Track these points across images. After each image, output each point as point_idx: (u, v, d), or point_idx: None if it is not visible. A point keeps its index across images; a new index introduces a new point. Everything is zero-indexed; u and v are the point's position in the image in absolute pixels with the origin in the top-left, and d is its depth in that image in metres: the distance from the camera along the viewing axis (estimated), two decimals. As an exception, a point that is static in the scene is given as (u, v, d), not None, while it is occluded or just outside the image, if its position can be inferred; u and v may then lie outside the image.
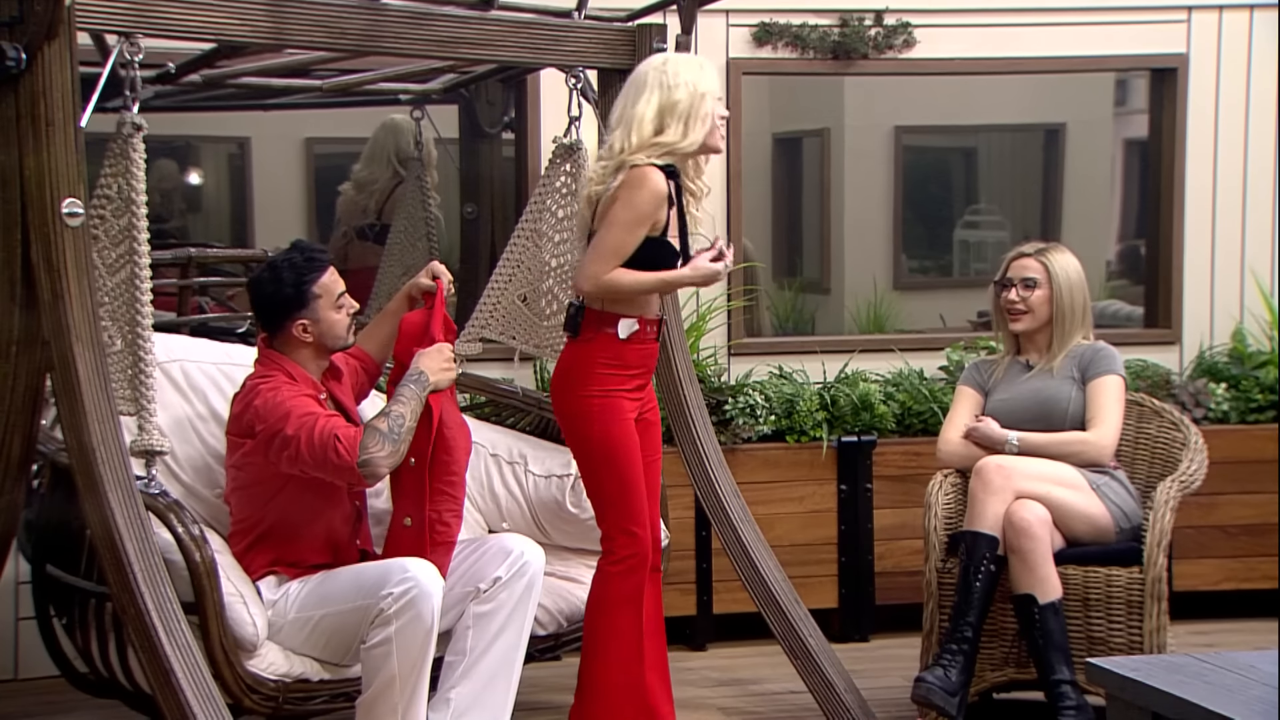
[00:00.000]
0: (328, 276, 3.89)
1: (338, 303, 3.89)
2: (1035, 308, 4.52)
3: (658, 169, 3.89)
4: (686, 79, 3.93)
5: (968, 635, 4.28)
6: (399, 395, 3.80)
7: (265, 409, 3.74)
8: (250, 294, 3.96)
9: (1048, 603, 4.23)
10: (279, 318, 3.87)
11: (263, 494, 3.83)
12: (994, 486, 4.32)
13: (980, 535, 4.30)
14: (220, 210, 7.65)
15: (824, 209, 7.94)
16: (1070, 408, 4.46)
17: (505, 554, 3.96)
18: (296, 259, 3.88)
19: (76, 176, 3.48)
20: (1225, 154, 5.89)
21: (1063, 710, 4.19)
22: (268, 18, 3.84)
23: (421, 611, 3.65)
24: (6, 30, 3.41)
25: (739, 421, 5.32)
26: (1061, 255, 4.55)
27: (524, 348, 4.59)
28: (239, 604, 3.68)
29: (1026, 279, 4.52)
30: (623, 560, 4.02)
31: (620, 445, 4.01)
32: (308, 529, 3.86)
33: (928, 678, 4.23)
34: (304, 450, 3.68)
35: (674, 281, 4.03)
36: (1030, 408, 4.49)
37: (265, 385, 3.79)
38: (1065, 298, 4.50)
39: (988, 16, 5.71)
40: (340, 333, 3.91)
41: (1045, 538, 4.25)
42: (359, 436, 3.67)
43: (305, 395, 3.78)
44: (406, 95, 5.59)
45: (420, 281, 4.14)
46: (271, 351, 3.89)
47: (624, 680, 4.04)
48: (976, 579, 4.29)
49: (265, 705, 3.72)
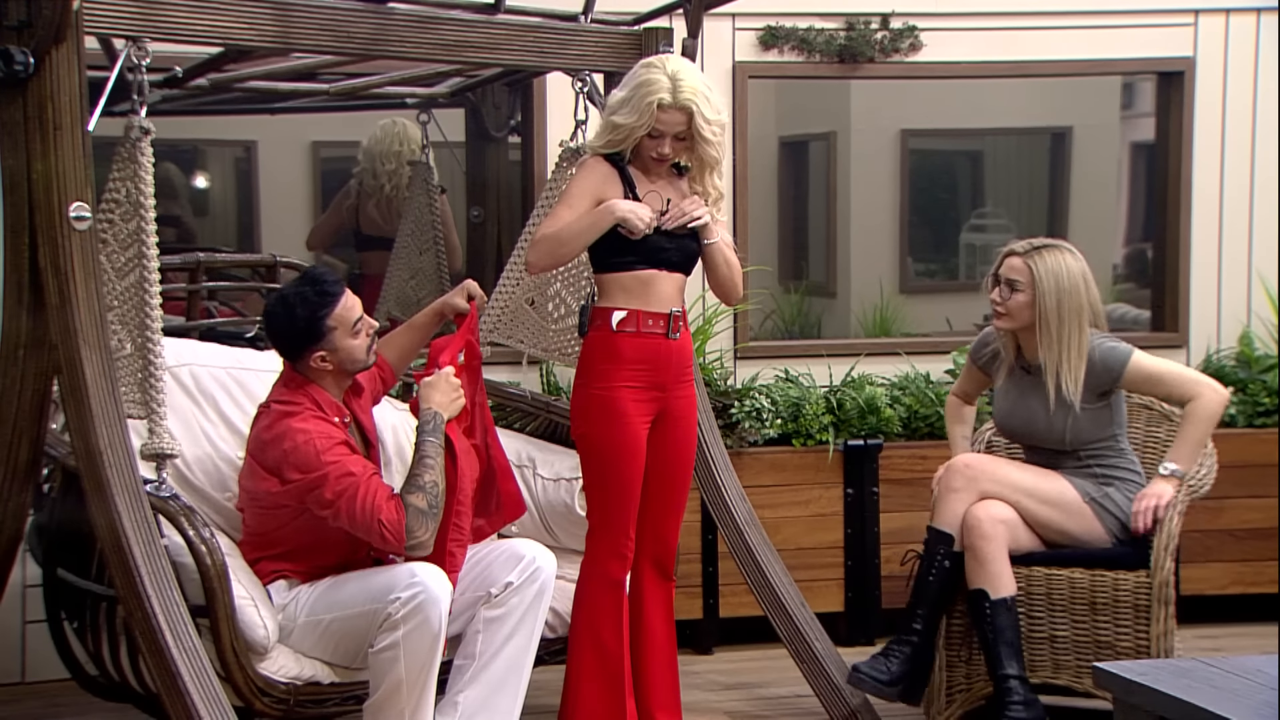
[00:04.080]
0: (341, 307, 3.81)
1: (354, 329, 3.83)
2: (1015, 311, 4.35)
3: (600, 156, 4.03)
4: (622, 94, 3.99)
5: (916, 628, 4.32)
6: (424, 454, 3.75)
7: (299, 460, 3.69)
8: (265, 326, 3.92)
9: (999, 599, 4.24)
10: (296, 351, 3.83)
11: (283, 517, 3.82)
12: (956, 485, 4.33)
13: (938, 532, 4.34)
14: (227, 213, 7.66)
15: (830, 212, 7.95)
16: (1069, 435, 4.36)
17: (517, 559, 3.95)
18: (308, 293, 3.80)
19: (84, 180, 3.49)
20: (1232, 157, 5.88)
21: (1010, 705, 4.21)
22: (275, 22, 3.84)
23: (429, 617, 3.65)
24: (14, 34, 3.42)
25: (745, 425, 5.32)
26: (1055, 257, 4.34)
27: (531, 351, 4.59)
28: (250, 607, 3.68)
29: (1010, 280, 4.36)
30: (596, 559, 4.08)
31: (612, 445, 4.03)
32: (323, 545, 3.84)
33: (860, 667, 4.29)
34: (344, 520, 3.67)
35: (597, 218, 3.97)
36: (1026, 431, 4.46)
37: (296, 425, 3.72)
38: (1050, 303, 4.30)
39: (994, 20, 5.71)
40: (359, 356, 3.87)
41: (997, 536, 4.25)
42: (402, 520, 3.64)
43: (335, 441, 3.73)
44: (413, 99, 5.59)
45: (454, 302, 4.14)
46: (294, 375, 3.85)
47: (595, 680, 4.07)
48: (930, 574, 4.33)
49: (276, 708, 3.72)
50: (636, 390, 4.04)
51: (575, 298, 4.51)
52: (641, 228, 3.95)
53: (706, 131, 3.97)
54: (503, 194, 5.71)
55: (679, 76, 3.95)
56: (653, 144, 4.00)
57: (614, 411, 4.02)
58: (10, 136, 3.48)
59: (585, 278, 4.45)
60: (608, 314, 4.03)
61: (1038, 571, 4.35)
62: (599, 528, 4.10)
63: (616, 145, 4.02)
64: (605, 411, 4.02)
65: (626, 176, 4.04)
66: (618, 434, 4.03)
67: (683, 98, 3.93)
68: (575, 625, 4.11)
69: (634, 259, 4.00)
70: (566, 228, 3.97)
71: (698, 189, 4.09)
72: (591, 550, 4.11)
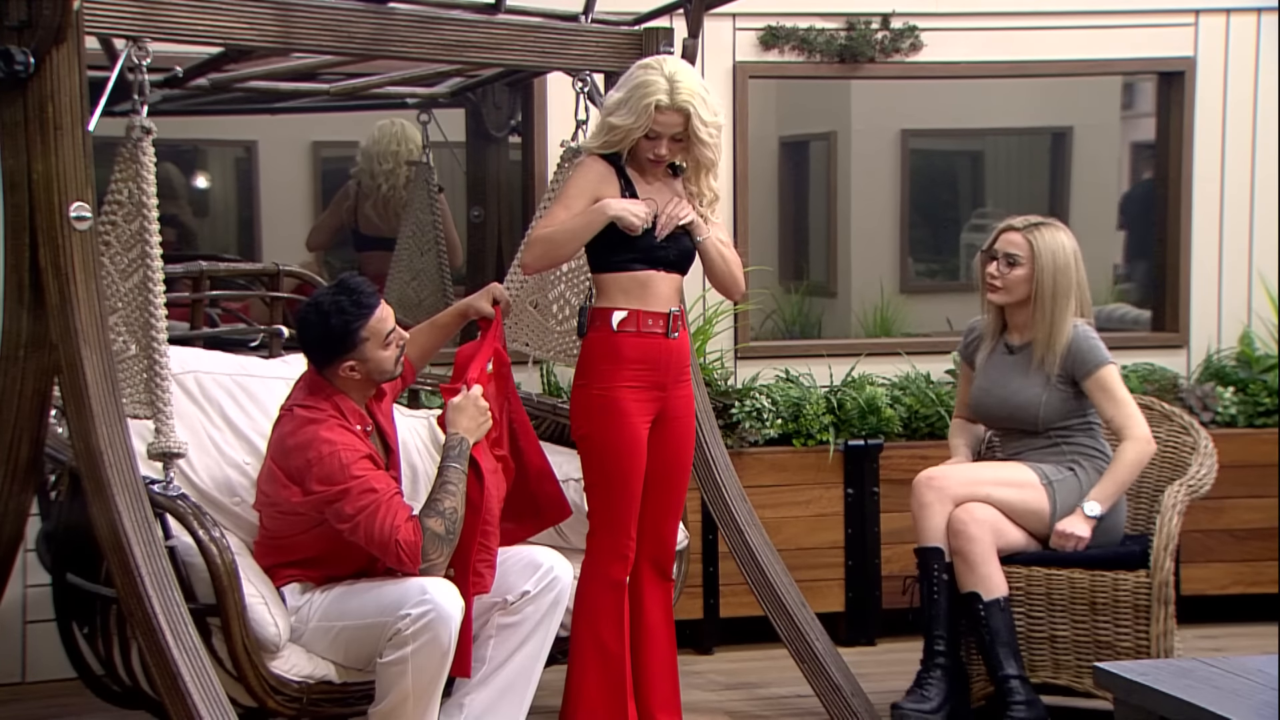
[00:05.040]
0: (375, 318, 3.78)
1: (385, 340, 3.81)
2: (1012, 286, 4.41)
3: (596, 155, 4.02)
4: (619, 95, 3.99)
5: (941, 649, 4.33)
6: (446, 480, 3.74)
7: (323, 472, 3.67)
8: (298, 332, 3.90)
9: (991, 600, 4.25)
10: (327, 359, 3.81)
11: (300, 524, 3.81)
12: (926, 500, 4.36)
13: (927, 549, 4.35)
14: (227, 214, 7.66)
15: (830, 212, 7.95)
16: (1042, 411, 4.41)
17: (535, 568, 3.94)
18: (344, 302, 3.76)
19: (84, 180, 3.49)
20: (1232, 157, 5.88)
21: (1012, 705, 4.22)
22: (275, 21, 3.84)
23: (439, 635, 3.63)
24: (15, 34, 3.42)
25: (746, 425, 5.32)
26: (1052, 233, 4.41)
27: (536, 353, 4.59)
28: (261, 605, 3.67)
29: (1009, 254, 4.41)
30: (597, 559, 4.07)
31: (613, 445, 4.03)
32: (339, 556, 3.82)
33: (904, 705, 4.28)
34: (362, 536, 3.66)
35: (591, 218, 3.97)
36: (1001, 410, 4.49)
37: (323, 434, 3.70)
38: (1048, 279, 4.37)
39: (995, 20, 5.71)
40: (388, 367, 3.85)
41: (983, 537, 4.26)
42: (419, 543, 3.64)
43: (360, 455, 3.71)
44: (413, 99, 5.59)
45: (479, 305, 4.13)
46: (319, 380, 3.83)
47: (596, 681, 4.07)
48: (934, 593, 4.33)
49: (290, 706, 3.72)
50: (637, 390, 4.04)
51: (579, 299, 4.51)
52: (638, 225, 3.95)
53: (703, 133, 3.97)
54: (503, 194, 5.70)
55: (676, 78, 3.94)
56: (649, 145, 4.00)
57: (615, 412, 4.02)
58: (11, 137, 3.48)
59: (588, 278, 4.45)
60: (607, 314, 4.03)
61: (1038, 571, 4.36)
62: (600, 528, 4.10)
63: (614, 146, 4.02)
64: (606, 412, 4.03)
65: (624, 176, 4.04)
66: (619, 434, 4.03)
67: (680, 99, 3.93)
68: (576, 626, 4.11)
69: (632, 259, 4.00)
70: (560, 228, 3.98)
71: (693, 189, 4.09)
72: (592, 551, 4.11)
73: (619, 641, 4.08)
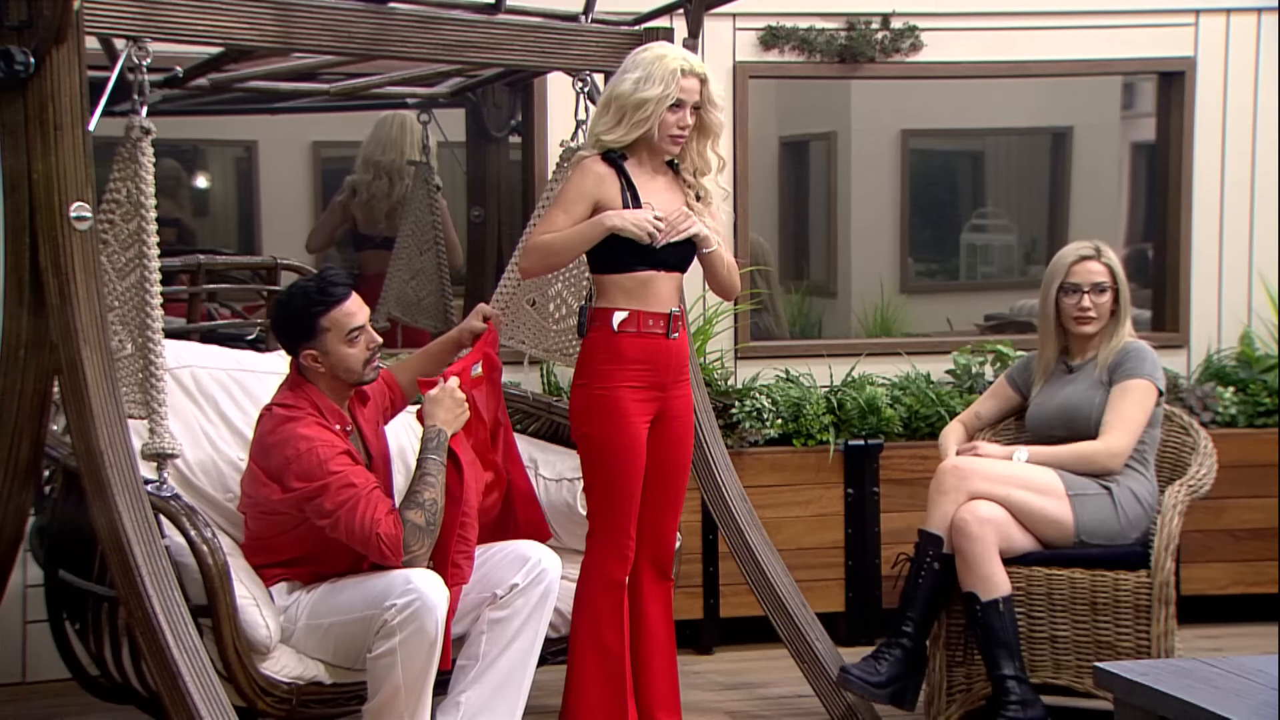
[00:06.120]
0: (339, 310, 3.79)
1: (348, 337, 3.80)
2: (1104, 312, 4.49)
3: (596, 156, 4.00)
4: (634, 75, 3.96)
5: (906, 630, 4.33)
6: (425, 471, 3.75)
7: (301, 468, 3.69)
8: (270, 316, 3.93)
9: (989, 600, 4.25)
10: (290, 344, 3.85)
11: (283, 524, 3.81)
12: (946, 487, 4.35)
13: (927, 534, 4.35)
14: (227, 213, 7.66)
15: (831, 212, 7.95)
16: (1094, 414, 4.42)
17: (523, 561, 3.96)
18: (311, 288, 3.81)
19: (84, 180, 3.49)
20: (1233, 157, 5.88)
21: (1007, 705, 4.22)
22: (275, 22, 3.84)
23: (425, 624, 3.64)
24: (15, 34, 3.42)
25: (746, 425, 5.32)
26: (1113, 253, 4.55)
27: (533, 352, 4.59)
28: (252, 607, 3.69)
29: (1098, 284, 4.47)
30: (597, 559, 4.08)
31: (614, 445, 4.03)
32: (324, 555, 3.83)
33: (850, 668, 4.31)
34: (343, 531, 3.68)
35: (590, 231, 3.95)
36: (1055, 416, 4.49)
37: (300, 431, 3.71)
38: (1126, 295, 4.50)
39: (995, 20, 5.71)
40: (352, 366, 3.83)
41: (985, 537, 4.25)
42: (400, 536, 3.65)
43: (338, 450, 3.73)
44: (414, 99, 5.59)
45: (471, 325, 4.16)
46: (298, 378, 3.85)
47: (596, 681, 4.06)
48: (919, 577, 4.34)
49: (279, 708, 3.72)
50: (637, 390, 4.04)
51: (576, 298, 4.51)
52: (645, 238, 3.94)
53: (717, 96, 4.02)
54: (503, 194, 5.71)
55: (676, 50, 4.01)
56: (674, 118, 3.97)
57: (615, 411, 4.02)
58: (11, 137, 3.48)
59: (586, 278, 4.45)
60: (608, 315, 4.03)
61: (1038, 571, 4.35)
62: (600, 528, 4.10)
63: (641, 126, 3.96)
64: (607, 411, 4.03)
65: (625, 176, 4.03)
66: (619, 434, 4.03)
67: (697, 64, 3.99)
68: (576, 626, 4.11)
69: (632, 260, 4.00)
70: (557, 238, 3.97)
71: (699, 163, 4.08)
72: (592, 551, 4.11)
73: (619, 641, 4.08)
